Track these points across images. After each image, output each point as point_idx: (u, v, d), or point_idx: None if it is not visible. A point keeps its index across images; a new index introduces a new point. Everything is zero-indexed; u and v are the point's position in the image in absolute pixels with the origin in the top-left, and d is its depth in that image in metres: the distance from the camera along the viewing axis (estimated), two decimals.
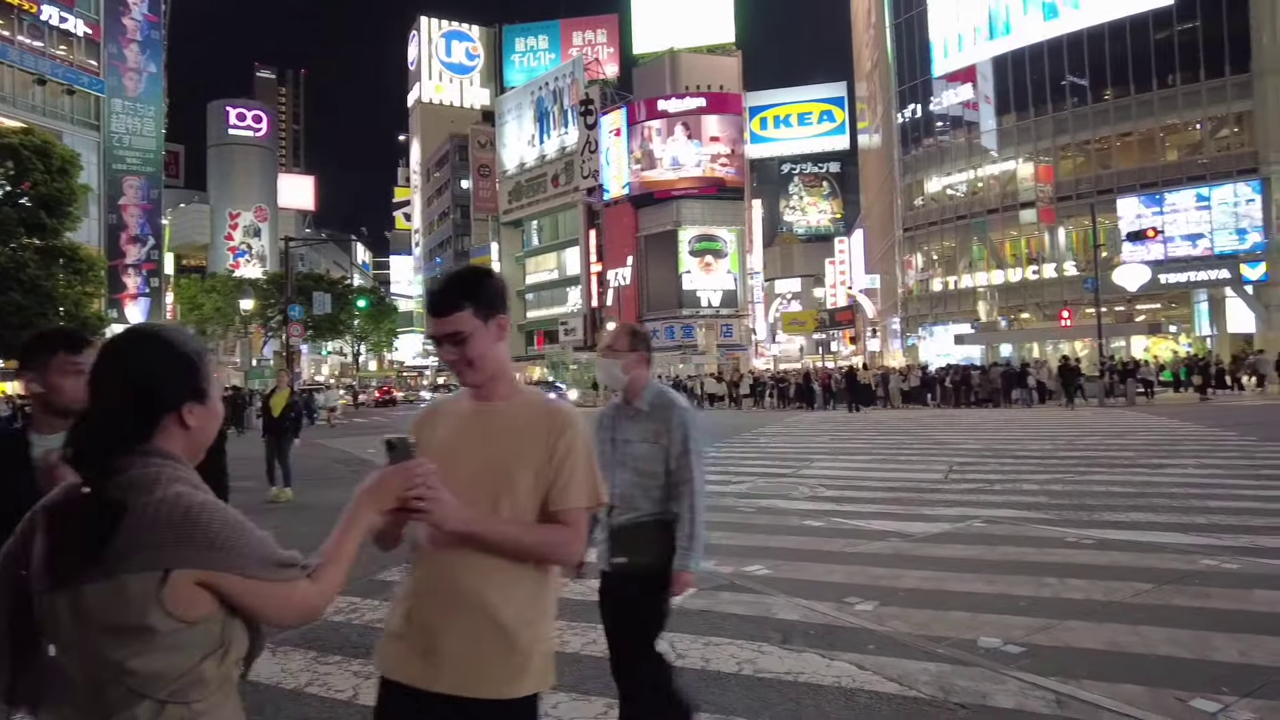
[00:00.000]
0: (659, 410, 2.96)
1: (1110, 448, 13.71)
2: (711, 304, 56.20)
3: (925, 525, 7.51)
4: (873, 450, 14.95)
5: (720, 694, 3.68)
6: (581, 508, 1.75)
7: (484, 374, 1.78)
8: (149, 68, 51.26)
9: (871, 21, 55.85)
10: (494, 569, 1.69)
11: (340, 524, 1.46)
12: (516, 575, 1.71)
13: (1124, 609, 4.74)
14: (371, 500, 1.50)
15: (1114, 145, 40.10)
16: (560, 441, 1.74)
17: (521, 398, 1.83)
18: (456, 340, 1.75)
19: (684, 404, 3.01)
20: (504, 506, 1.72)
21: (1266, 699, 3.44)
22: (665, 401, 2.97)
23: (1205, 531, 6.82)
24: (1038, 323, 42.09)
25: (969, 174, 45.50)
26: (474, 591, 1.68)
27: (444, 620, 1.68)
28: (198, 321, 57.22)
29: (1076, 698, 3.51)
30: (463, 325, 1.75)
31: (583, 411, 2.20)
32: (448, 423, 1.85)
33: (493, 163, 73.19)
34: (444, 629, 1.68)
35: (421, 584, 1.74)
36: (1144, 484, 9.53)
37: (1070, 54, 40.23)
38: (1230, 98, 36.13)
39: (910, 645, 4.26)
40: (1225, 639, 4.15)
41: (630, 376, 2.96)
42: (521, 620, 1.69)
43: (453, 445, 1.79)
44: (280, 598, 1.30)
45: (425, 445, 1.78)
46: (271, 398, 11.56)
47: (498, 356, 1.80)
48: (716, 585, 5.55)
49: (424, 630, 1.70)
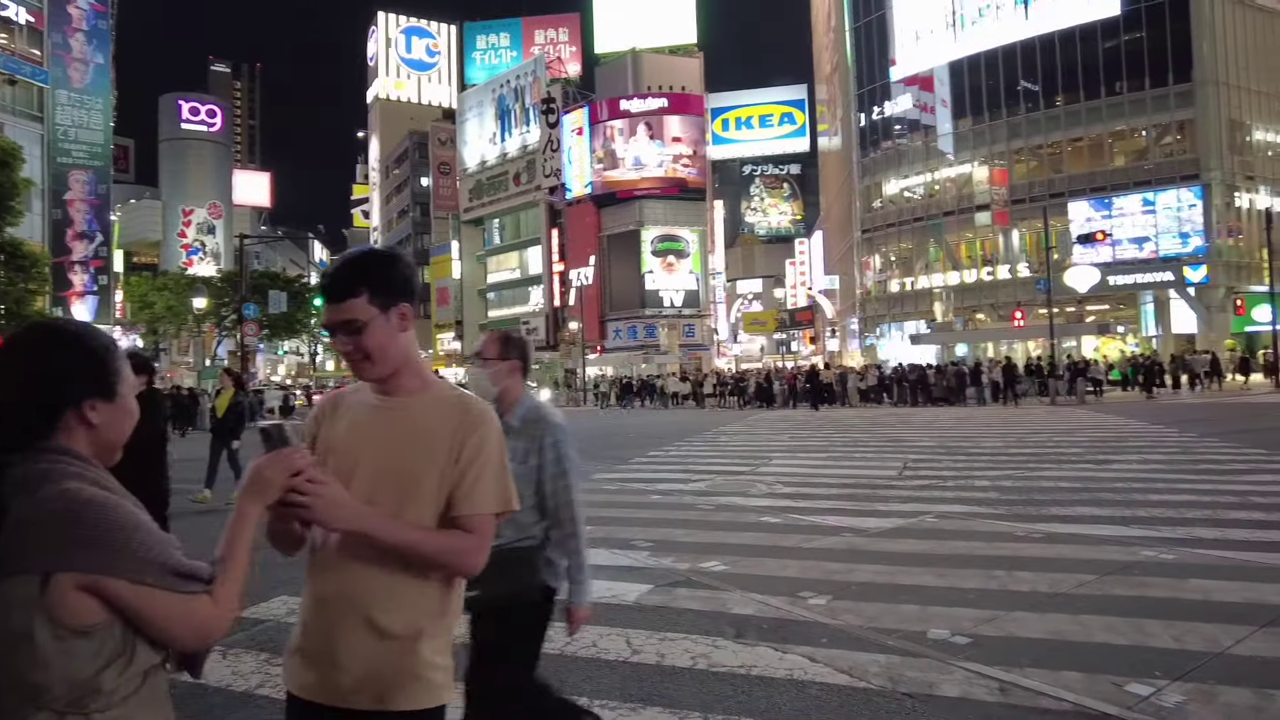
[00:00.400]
0: (529, 427, 2.68)
1: (1059, 445, 14.07)
2: (674, 304, 56.43)
3: (879, 521, 7.64)
4: (830, 448, 15.15)
5: (674, 689, 3.71)
6: (488, 514, 1.60)
7: (383, 368, 1.62)
8: (96, 58, 49.77)
9: (831, 25, 56.56)
10: (390, 577, 1.56)
11: (225, 530, 1.34)
12: (416, 584, 1.57)
13: (1067, 599, 4.88)
14: (252, 498, 1.39)
15: (1065, 150, 41.18)
16: (469, 441, 1.60)
17: (430, 392, 1.67)
18: (351, 330, 1.60)
19: (558, 420, 2.74)
20: (409, 514, 1.57)
21: (1196, 682, 3.58)
22: (536, 417, 2.71)
23: (1146, 524, 7.05)
24: (992, 323, 43.05)
25: (926, 177, 46.34)
26: (369, 602, 1.55)
27: (341, 633, 1.56)
28: (149, 320, 55.78)
29: (1019, 685, 3.61)
30: (358, 313, 1.59)
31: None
32: (349, 418, 1.69)
33: (453, 160, 72.52)
34: (341, 642, 1.55)
35: (317, 593, 1.61)
36: (1090, 479, 9.82)
37: (1024, 60, 41.23)
38: (1173, 106, 37.35)
39: (861, 638, 4.33)
40: (1160, 626, 4.31)
41: (501, 388, 2.72)
42: (421, 632, 1.57)
43: (352, 444, 1.64)
44: (178, 613, 1.19)
45: (325, 442, 1.67)
46: (216, 398, 11.52)
47: (400, 349, 1.64)
48: (673, 582, 5.59)
49: (322, 643, 1.57)
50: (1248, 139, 38.42)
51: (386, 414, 1.65)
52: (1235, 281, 36.51)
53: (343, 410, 1.71)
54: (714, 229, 60.18)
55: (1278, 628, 4.22)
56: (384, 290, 1.61)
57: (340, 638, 1.56)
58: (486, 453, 1.61)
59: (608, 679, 3.85)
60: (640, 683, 3.78)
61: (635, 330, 55.79)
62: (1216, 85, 36.70)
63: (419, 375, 1.69)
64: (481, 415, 1.64)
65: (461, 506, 1.58)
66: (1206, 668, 3.73)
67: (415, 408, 1.65)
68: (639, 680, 3.81)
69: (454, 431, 1.61)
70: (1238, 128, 37.87)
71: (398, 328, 1.63)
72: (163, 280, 59.51)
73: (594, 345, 53.95)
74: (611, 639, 4.39)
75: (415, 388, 1.67)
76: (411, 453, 1.60)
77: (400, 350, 1.64)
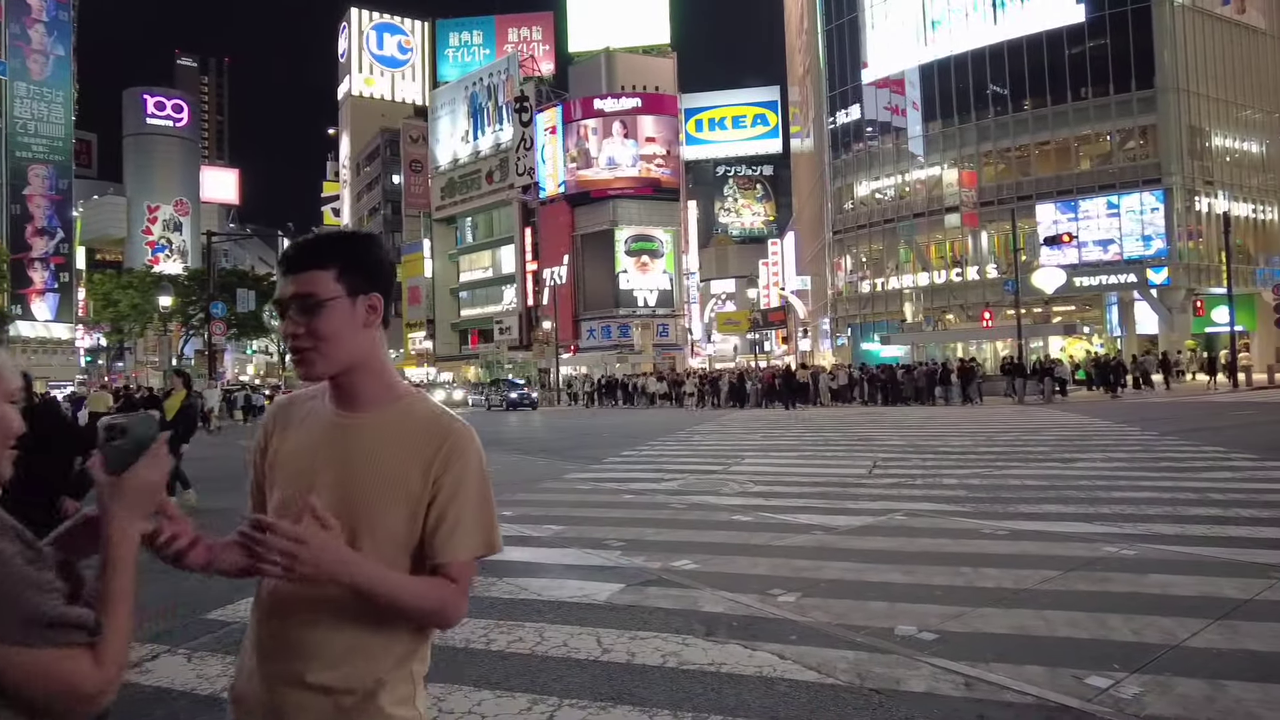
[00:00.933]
0: None
1: (1027, 443, 14.30)
2: (648, 304, 56.50)
3: (848, 519, 7.72)
4: (801, 447, 15.27)
5: (644, 688, 3.72)
6: (471, 560, 1.38)
7: (331, 363, 1.36)
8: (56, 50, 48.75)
9: (804, 27, 56.96)
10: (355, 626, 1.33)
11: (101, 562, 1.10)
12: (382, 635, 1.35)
13: (1031, 595, 4.97)
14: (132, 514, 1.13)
15: (1033, 153, 41.86)
16: (448, 475, 1.35)
17: (399, 406, 1.41)
18: (306, 307, 1.34)
19: None
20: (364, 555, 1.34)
21: (1153, 674, 3.66)
22: None
23: (1109, 521, 7.20)
24: (961, 323, 43.63)
25: (896, 179, 46.84)
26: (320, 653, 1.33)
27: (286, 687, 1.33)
28: (113, 319, 54.73)
29: (984, 680, 3.67)
30: (318, 287, 1.34)
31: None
32: (304, 431, 1.44)
33: (425, 158, 71.99)
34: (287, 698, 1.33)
35: (265, 641, 1.38)
36: (1056, 477, 9.99)
37: (993, 65, 41.84)
38: (1136, 112, 38.14)
39: (830, 634, 4.38)
40: (1120, 620, 4.40)
41: None
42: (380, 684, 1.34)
43: (307, 464, 1.40)
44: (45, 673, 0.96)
45: (275, 455, 1.45)
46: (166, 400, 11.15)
47: (360, 347, 1.38)
48: (645, 581, 5.60)
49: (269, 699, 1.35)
50: (1207, 145, 39.34)
51: (345, 433, 1.40)
52: (1195, 283, 37.37)
53: (297, 419, 1.46)
54: (688, 229, 60.36)
55: (1231, 620, 4.34)
56: (356, 270, 1.38)
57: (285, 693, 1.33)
58: (467, 488, 1.37)
59: (578, 678, 3.85)
60: (610, 681, 3.79)
61: (609, 330, 55.80)
62: (1177, 92, 37.53)
63: (387, 384, 1.43)
64: (460, 440, 1.38)
65: (442, 553, 1.35)
66: (1163, 660, 3.82)
67: (381, 427, 1.39)
68: (609, 679, 3.82)
69: (428, 463, 1.36)
70: (1197, 134, 38.77)
71: (363, 319, 1.38)
72: (128, 278, 58.41)
73: (568, 345, 53.85)
74: (582, 638, 4.39)
75: (382, 400, 1.42)
76: (374, 485, 1.36)
77: (359, 348, 1.38)
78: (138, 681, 3.92)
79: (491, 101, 64.06)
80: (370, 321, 1.40)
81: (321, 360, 1.37)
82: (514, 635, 4.43)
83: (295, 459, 1.42)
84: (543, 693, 3.66)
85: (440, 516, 1.35)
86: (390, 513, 1.35)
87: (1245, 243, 39.74)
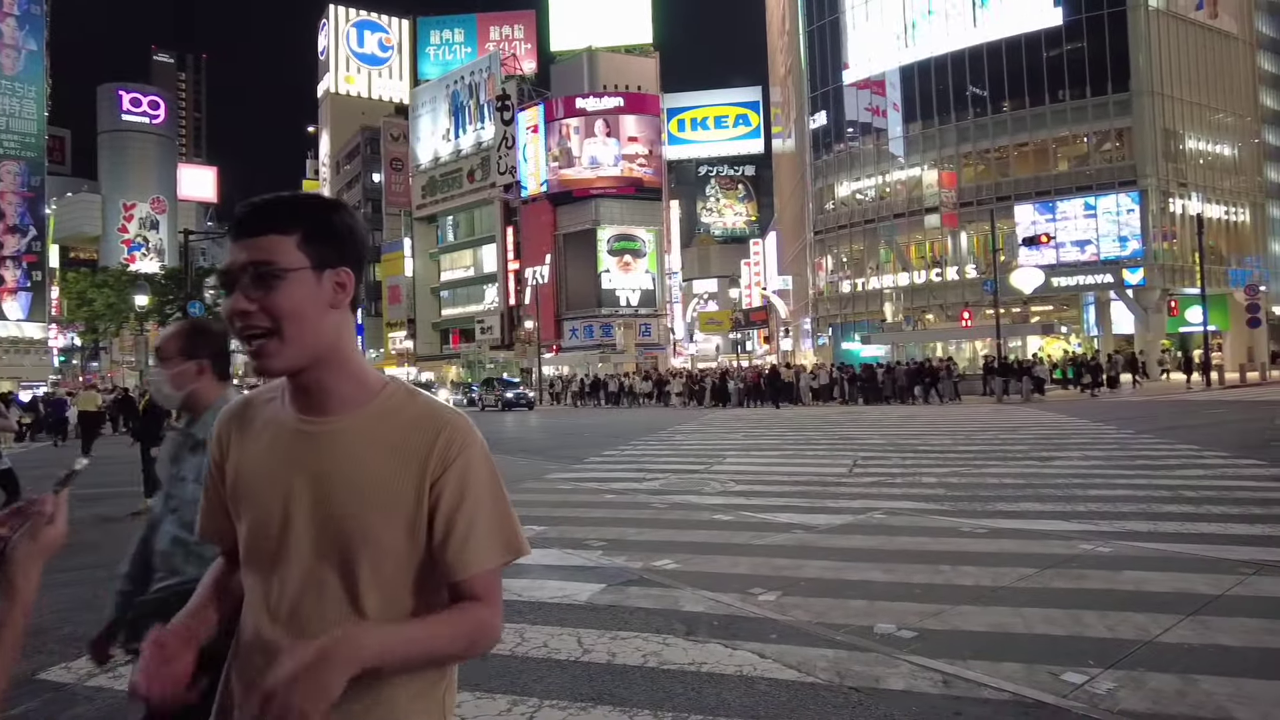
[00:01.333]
0: None
1: (1005, 442, 14.44)
2: (630, 303, 56.49)
3: (829, 517, 7.76)
4: (782, 446, 15.32)
5: (625, 688, 3.72)
6: (495, 568, 1.19)
7: (294, 352, 1.12)
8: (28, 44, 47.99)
9: (786, 28, 57.17)
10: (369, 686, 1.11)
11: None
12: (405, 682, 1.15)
13: (1009, 593, 5.02)
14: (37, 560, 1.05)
15: (1011, 154, 42.27)
16: (448, 475, 1.15)
17: (378, 403, 1.19)
18: (262, 277, 1.10)
19: None
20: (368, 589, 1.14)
21: (1127, 669, 3.71)
22: None
23: (1085, 518, 7.29)
24: (940, 323, 43.99)
25: (877, 179, 47.14)
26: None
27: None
28: (88, 318, 53.93)
29: (962, 677, 3.70)
30: (277, 254, 1.11)
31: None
32: (266, 440, 1.21)
33: (405, 156, 71.56)
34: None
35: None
36: (1033, 475, 10.09)
37: (972, 67, 42.21)
38: (1112, 114, 38.63)
39: (810, 633, 4.40)
40: (1095, 616, 4.46)
41: (187, 392, 2.23)
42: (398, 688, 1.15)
43: (276, 480, 1.18)
44: None
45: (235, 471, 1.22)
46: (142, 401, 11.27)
47: (327, 332, 1.15)
48: (626, 580, 5.60)
49: None
50: (1181, 147, 39.91)
51: (316, 444, 1.17)
52: (1170, 284, 37.90)
53: (256, 427, 1.23)
54: (670, 229, 60.43)
55: (1203, 616, 4.40)
56: (324, 238, 1.15)
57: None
58: (474, 488, 1.17)
59: (558, 679, 3.84)
60: (591, 682, 3.78)
61: (592, 329, 55.73)
62: (1152, 95, 38.05)
63: (358, 378, 1.19)
64: (458, 433, 1.17)
65: (458, 569, 1.16)
66: (1136, 655, 3.87)
67: (359, 431, 1.17)
68: (590, 679, 3.81)
69: (423, 465, 1.15)
70: (1172, 136, 39.32)
71: (330, 298, 1.15)
72: (103, 277, 57.59)
73: (550, 344, 53.73)
74: (563, 639, 4.38)
75: (356, 398, 1.18)
76: (361, 500, 1.15)
77: (327, 333, 1.15)
78: (110, 686, 3.87)
79: (473, 100, 63.78)
80: (339, 302, 1.16)
81: (285, 347, 1.12)
82: None
83: (259, 478, 1.19)
84: (523, 694, 3.65)
85: (448, 526, 1.15)
86: (386, 530, 1.15)
87: (1218, 244, 40.37)
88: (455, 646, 1.15)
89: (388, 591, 1.16)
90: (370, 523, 1.14)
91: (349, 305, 1.19)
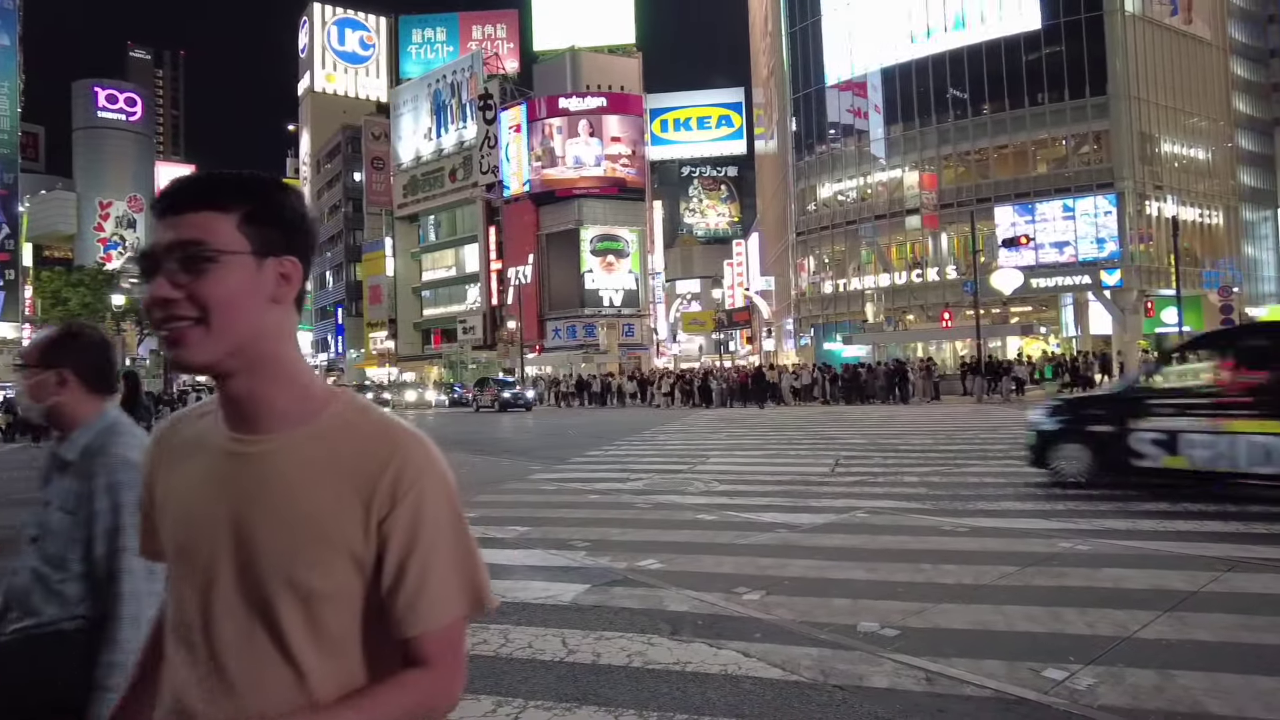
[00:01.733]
0: (87, 462, 1.87)
1: (985, 441, 14.56)
2: (613, 303, 56.47)
3: (812, 516, 7.79)
4: (765, 446, 15.37)
5: (609, 688, 3.71)
6: (453, 623, 1.00)
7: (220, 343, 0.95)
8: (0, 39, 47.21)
9: (768, 29, 57.36)
10: None
11: None
12: None
13: (991, 590, 5.06)
14: None
15: (991, 157, 42.65)
16: (399, 509, 0.97)
17: (323, 420, 1.00)
18: (191, 259, 0.94)
19: (125, 454, 1.86)
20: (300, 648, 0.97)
21: (1106, 665, 3.76)
22: (99, 447, 1.88)
23: (1064, 517, 7.38)
24: (921, 324, 44.31)
25: (859, 181, 47.40)
26: None
27: None
28: (62, 317, 53.07)
29: (944, 675, 3.72)
30: (211, 234, 0.94)
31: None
32: (190, 464, 1.03)
33: (387, 155, 71.14)
34: None
35: None
36: (1014, 474, 10.19)
37: (952, 69, 42.56)
38: (1090, 117, 39.10)
39: (794, 632, 4.41)
40: (1075, 613, 4.51)
41: (50, 406, 1.92)
42: None
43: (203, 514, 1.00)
44: None
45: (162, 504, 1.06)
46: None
47: (264, 329, 0.98)
48: (610, 581, 5.59)
49: None
50: (1156, 150, 40.47)
51: (246, 466, 0.99)
52: (1146, 285, 38.40)
53: (185, 447, 1.05)
54: (653, 229, 60.48)
55: (1180, 612, 4.47)
56: (269, 221, 0.98)
57: None
58: (431, 525, 0.98)
59: (543, 679, 3.83)
60: (576, 682, 3.78)
61: (575, 330, 55.65)
62: (1128, 99, 38.54)
63: (301, 390, 1.01)
64: (413, 459, 0.99)
65: (408, 624, 0.98)
66: (1115, 651, 3.92)
67: (296, 452, 0.98)
68: (574, 680, 3.81)
69: (369, 497, 0.97)
70: (1148, 140, 39.85)
71: (270, 291, 0.98)
72: (78, 275, 56.81)
73: (533, 344, 53.59)
74: (547, 639, 4.37)
75: (296, 414, 1.00)
76: (293, 538, 0.96)
77: (263, 331, 0.98)
78: None
79: (455, 99, 63.51)
80: (282, 296, 0.99)
81: (208, 337, 0.94)
82: (478, 637, 4.38)
83: (180, 508, 1.02)
84: (508, 695, 3.64)
85: (398, 572, 0.97)
86: (324, 573, 0.96)
87: (1192, 246, 40.97)
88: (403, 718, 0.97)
89: (330, 646, 0.98)
90: (304, 564, 0.96)
91: (294, 303, 1.02)
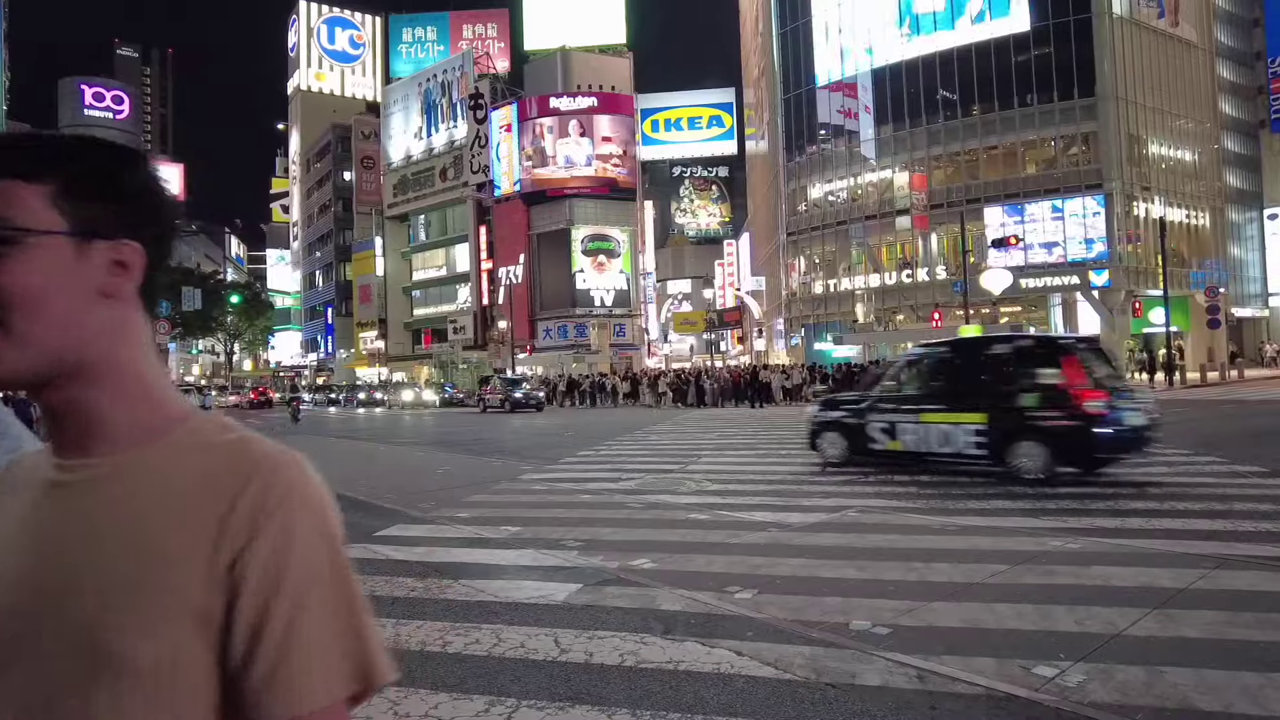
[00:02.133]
0: None
1: None
2: (605, 303, 56.42)
3: (803, 516, 7.81)
4: (757, 445, 15.40)
5: (603, 687, 3.72)
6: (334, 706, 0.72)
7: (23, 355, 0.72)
8: None
9: (759, 30, 57.48)
10: None
11: None
12: None
13: (981, 589, 5.09)
14: None
15: (981, 157, 42.87)
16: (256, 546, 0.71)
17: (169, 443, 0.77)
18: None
19: None
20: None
21: (1096, 662, 3.79)
22: None
23: (1054, 515, 7.43)
24: (911, 324, 44.47)
25: (849, 181, 47.55)
26: None
27: None
28: None
29: (936, 672, 3.75)
30: (10, 208, 0.72)
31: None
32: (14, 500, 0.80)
33: (377, 155, 70.93)
34: None
35: None
36: (1003, 474, 10.22)
37: (942, 70, 42.75)
38: (1078, 119, 39.35)
39: (786, 630, 4.43)
40: (1064, 611, 4.54)
41: None
42: None
43: None
44: None
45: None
46: None
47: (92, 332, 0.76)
48: (602, 580, 5.60)
49: None
50: (1144, 152, 40.77)
51: (65, 499, 0.76)
52: (1134, 285, 38.68)
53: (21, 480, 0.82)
54: (644, 229, 60.47)
55: (1168, 609, 4.51)
56: (99, 195, 0.76)
57: None
58: (302, 561, 0.73)
59: (536, 679, 3.83)
60: (568, 682, 3.78)
61: (566, 329, 55.58)
62: (1116, 101, 38.81)
63: (148, 405, 0.79)
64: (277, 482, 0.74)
65: (265, 706, 0.70)
66: (1105, 648, 3.95)
67: (130, 479, 0.76)
68: (567, 679, 3.81)
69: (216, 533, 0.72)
70: (1135, 141, 40.15)
71: (99, 282, 0.76)
72: None
73: (524, 344, 53.50)
74: (540, 639, 4.37)
75: (137, 434, 0.77)
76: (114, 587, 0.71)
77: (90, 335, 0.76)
78: None
79: (445, 98, 63.34)
80: (115, 289, 0.77)
81: (9, 347, 0.72)
82: (471, 637, 4.38)
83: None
84: (500, 694, 3.64)
85: (253, 630, 0.71)
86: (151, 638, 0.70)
87: (1179, 247, 41.29)
88: None
89: None
90: (130, 626, 0.70)
91: (139, 296, 0.80)
